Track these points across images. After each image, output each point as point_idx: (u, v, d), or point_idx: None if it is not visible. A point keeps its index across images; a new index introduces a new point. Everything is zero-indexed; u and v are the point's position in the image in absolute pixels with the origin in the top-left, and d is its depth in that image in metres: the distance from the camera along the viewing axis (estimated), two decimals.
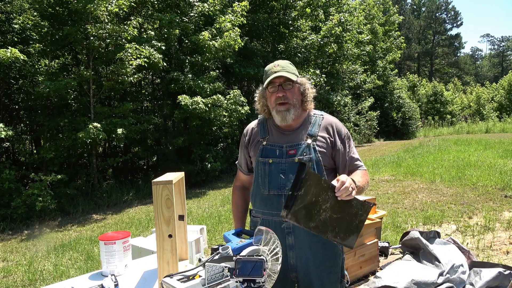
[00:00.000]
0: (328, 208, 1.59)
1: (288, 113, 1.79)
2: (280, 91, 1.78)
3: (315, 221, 1.56)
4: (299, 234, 1.77)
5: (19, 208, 7.12)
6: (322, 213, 1.58)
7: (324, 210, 1.58)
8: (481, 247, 4.28)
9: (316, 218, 1.57)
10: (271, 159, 1.82)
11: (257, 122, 1.99)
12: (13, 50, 7.20)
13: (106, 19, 8.31)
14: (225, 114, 9.89)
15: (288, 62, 1.87)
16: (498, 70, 60.93)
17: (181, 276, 1.49)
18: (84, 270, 4.44)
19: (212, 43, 9.77)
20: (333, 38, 14.70)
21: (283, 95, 1.78)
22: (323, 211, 1.58)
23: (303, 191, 1.53)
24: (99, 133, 7.81)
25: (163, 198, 1.52)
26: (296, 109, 1.81)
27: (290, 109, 1.79)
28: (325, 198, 1.58)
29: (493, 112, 29.58)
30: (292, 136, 1.83)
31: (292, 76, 1.78)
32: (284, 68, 1.80)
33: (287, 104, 1.78)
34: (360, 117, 20.30)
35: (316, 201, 1.57)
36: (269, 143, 1.86)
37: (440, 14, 57.35)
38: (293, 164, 1.77)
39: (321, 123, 1.85)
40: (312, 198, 1.56)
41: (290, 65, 1.85)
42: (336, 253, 1.85)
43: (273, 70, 1.81)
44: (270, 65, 1.86)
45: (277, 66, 1.81)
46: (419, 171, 9.24)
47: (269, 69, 1.83)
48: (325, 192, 1.58)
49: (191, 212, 7.14)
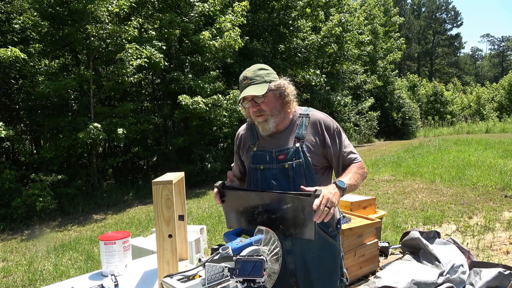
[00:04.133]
0: (262, 211, 1.66)
1: (267, 123, 1.76)
2: (253, 105, 1.75)
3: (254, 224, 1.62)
4: (296, 238, 1.75)
5: (19, 208, 7.12)
6: (258, 217, 1.67)
7: (258, 214, 1.67)
8: (481, 247, 4.28)
9: (254, 222, 1.66)
10: (262, 165, 1.81)
11: (245, 127, 1.99)
12: (14, 49, 7.19)
13: (107, 19, 8.31)
14: (225, 114, 9.90)
15: (258, 67, 1.78)
16: (498, 70, 60.93)
17: (181, 276, 1.49)
18: (84, 270, 4.44)
19: (212, 43, 9.77)
20: (333, 38, 14.70)
21: (257, 109, 1.74)
22: (257, 215, 1.67)
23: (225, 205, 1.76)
24: (99, 133, 7.81)
25: (163, 198, 1.52)
26: (275, 116, 1.77)
27: (269, 119, 1.75)
28: (252, 204, 1.67)
29: (493, 112, 29.57)
30: (281, 140, 1.81)
31: (259, 91, 1.70)
32: (252, 80, 1.73)
33: (263, 115, 1.75)
34: (360, 117, 20.30)
35: (245, 209, 1.69)
36: (259, 149, 1.85)
37: (440, 14, 57.36)
38: (283, 169, 1.76)
39: (308, 123, 1.80)
40: (239, 208, 1.71)
41: (260, 71, 1.76)
42: (335, 252, 1.84)
43: (242, 85, 1.76)
44: (241, 75, 1.80)
45: (245, 80, 1.75)
46: (419, 171, 9.24)
47: (240, 84, 1.79)
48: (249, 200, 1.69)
49: (191, 212, 7.14)
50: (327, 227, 1.80)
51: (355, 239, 3.52)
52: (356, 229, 3.53)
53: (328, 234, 1.80)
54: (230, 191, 1.75)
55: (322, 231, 1.78)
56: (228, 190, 1.75)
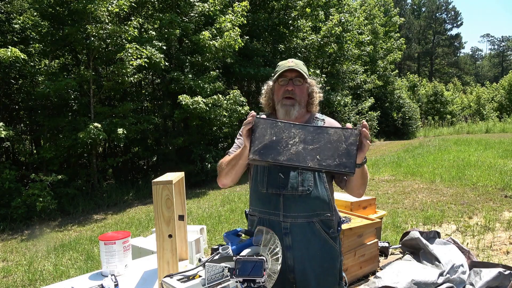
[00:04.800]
0: (298, 142, 1.57)
1: (293, 108, 1.79)
2: (290, 84, 1.80)
3: (285, 155, 1.55)
4: (296, 234, 1.76)
5: (19, 208, 7.12)
6: (292, 147, 1.56)
7: (292, 144, 1.57)
8: (481, 247, 4.28)
9: (285, 153, 1.55)
10: None
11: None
12: (14, 49, 7.19)
13: (107, 19, 8.31)
14: (225, 114, 9.90)
15: (302, 62, 1.89)
16: (498, 70, 60.93)
17: (181, 276, 1.49)
18: (84, 270, 4.44)
19: (212, 43, 9.77)
20: (333, 38, 14.70)
21: (291, 89, 1.79)
22: (292, 146, 1.57)
23: (257, 133, 1.57)
24: (100, 133, 7.81)
25: (163, 198, 1.52)
26: (301, 107, 1.83)
27: (295, 105, 1.80)
28: (289, 135, 1.57)
29: (493, 112, 29.57)
30: None
31: (305, 72, 1.81)
32: (297, 65, 1.82)
33: (293, 99, 1.79)
34: (360, 117, 20.29)
35: (279, 138, 1.57)
36: None
37: (440, 14, 57.37)
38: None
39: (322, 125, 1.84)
40: (272, 137, 1.57)
41: (303, 66, 1.87)
42: (333, 255, 1.84)
43: (286, 64, 1.83)
44: (283, 61, 1.88)
45: (291, 62, 1.83)
46: (419, 171, 9.24)
47: (282, 63, 1.85)
48: (287, 131, 1.57)
49: (191, 212, 7.14)
50: (328, 228, 1.80)
51: (355, 239, 3.52)
52: (356, 229, 3.53)
53: (329, 235, 1.80)
54: (267, 119, 1.62)
55: (324, 231, 1.78)
56: (268, 119, 1.63)
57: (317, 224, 1.77)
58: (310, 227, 1.76)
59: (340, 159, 1.51)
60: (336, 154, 1.51)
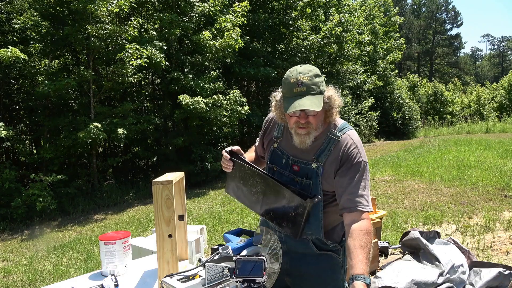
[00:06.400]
0: (259, 192, 1.68)
1: (308, 137, 1.59)
2: (303, 117, 1.56)
3: (249, 200, 1.71)
4: (291, 245, 1.72)
5: (19, 208, 7.12)
6: (254, 195, 1.70)
7: (255, 193, 1.69)
8: (481, 247, 4.28)
9: (250, 198, 1.72)
10: (276, 167, 1.74)
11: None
12: (14, 49, 7.19)
13: (107, 19, 8.30)
14: (225, 114, 9.90)
15: (314, 72, 1.56)
16: (498, 70, 60.90)
17: (181, 276, 1.49)
18: (84, 270, 4.44)
19: (213, 43, 9.78)
20: (333, 38, 14.69)
21: (306, 121, 1.56)
22: (254, 194, 1.70)
23: (231, 173, 1.76)
24: (100, 133, 7.81)
25: (163, 198, 1.52)
26: (317, 130, 1.61)
27: (311, 133, 1.59)
28: (253, 182, 1.69)
29: (493, 112, 29.54)
30: (302, 150, 1.66)
31: (316, 104, 1.50)
32: (309, 90, 1.51)
33: (308, 128, 1.58)
34: (360, 117, 20.28)
35: (245, 183, 1.72)
36: (279, 148, 1.75)
37: (440, 14, 57.32)
38: (294, 181, 1.67)
39: (333, 148, 1.61)
40: (240, 180, 1.73)
41: (316, 78, 1.55)
42: (334, 266, 1.73)
43: (294, 91, 1.51)
44: (291, 78, 1.54)
45: (300, 86, 1.51)
46: (419, 171, 9.23)
47: (290, 87, 1.54)
48: (251, 178, 1.69)
49: (191, 212, 7.14)
50: (324, 244, 1.70)
51: None
52: None
53: (327, 246, 1.71)
54: (238, 161, 1.71)
55: (319, 246, 1.70)
56: (237, 161, 1.72)
57: (311, 243, 1.70)
58: (304, 243, 1.70)
59: (287, 224, 1.62)
60: (286, 218, 1.62)
